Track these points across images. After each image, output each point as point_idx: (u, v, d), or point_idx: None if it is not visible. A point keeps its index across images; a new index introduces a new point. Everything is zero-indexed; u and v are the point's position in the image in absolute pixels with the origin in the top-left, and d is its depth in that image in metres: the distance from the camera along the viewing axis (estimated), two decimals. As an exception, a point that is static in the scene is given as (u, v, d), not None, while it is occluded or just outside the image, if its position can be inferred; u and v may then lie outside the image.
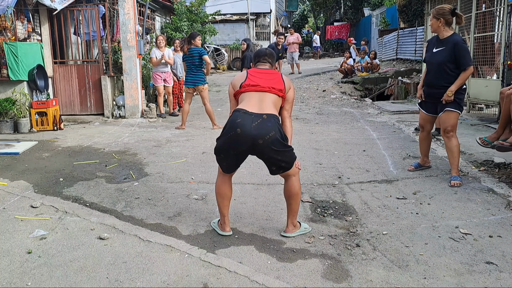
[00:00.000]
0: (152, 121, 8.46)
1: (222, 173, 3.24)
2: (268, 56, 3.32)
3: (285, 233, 3.21)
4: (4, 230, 3.37)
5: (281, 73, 3.28)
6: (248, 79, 3.15)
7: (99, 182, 4.56)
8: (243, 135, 2.92)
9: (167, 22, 13.82)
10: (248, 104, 3.04)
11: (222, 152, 3.08)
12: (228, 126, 3.01)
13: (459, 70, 4.15)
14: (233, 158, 3.10)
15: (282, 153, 3.00)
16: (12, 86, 7.51)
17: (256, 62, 3.33)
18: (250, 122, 2.93)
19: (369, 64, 13.34)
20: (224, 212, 3.25)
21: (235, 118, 2.98)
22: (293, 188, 3.15)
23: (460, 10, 8.48)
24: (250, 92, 3.10)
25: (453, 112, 4.24)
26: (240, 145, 2.98)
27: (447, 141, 4.33)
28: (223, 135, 3.04)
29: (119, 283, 2.61)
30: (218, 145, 3.09)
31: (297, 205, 3.20)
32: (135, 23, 8.42)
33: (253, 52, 7.66)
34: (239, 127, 2.93)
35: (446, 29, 4.22)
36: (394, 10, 17.13)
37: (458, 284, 2.55)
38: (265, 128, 2.92)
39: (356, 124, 7.79)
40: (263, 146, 2.94)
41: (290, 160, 3.08)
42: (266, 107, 3.02)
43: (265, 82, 3.12)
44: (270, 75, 3.19)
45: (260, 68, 3.28)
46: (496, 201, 3.77)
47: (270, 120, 2.96)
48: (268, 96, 3.08)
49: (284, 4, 31.18)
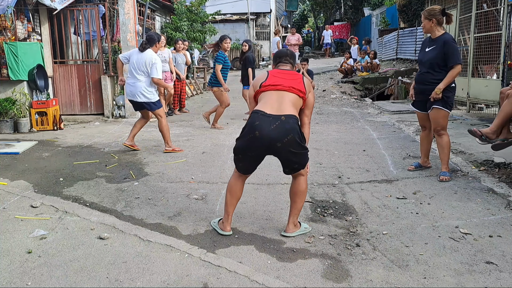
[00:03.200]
0: (152, 121, 8.44)
1: (237, 173, 3.24)
2: (289, 57, 3.32)
3: (285, 232, 3.21)
4: (4, 230, 3.37)
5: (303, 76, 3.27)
6: (269, 79, 3.14)
7: (99, 182, 4.56)
8: (261, 138, 2.93)
9: (167, 22, 13.81)
10: (267, 104, 3.03)
11: (240, 153, 3.09)
12: (247, 128, 3.02)
13: (448, 68, 4.24)
14: (251, 160, 3.10)
15: (299, 155, 3.02)
16: (12, 86, 7.51)
17: (278, 63, 3.33)
18: (268, 125, 2.92)
19: (369, 64, 13.34)
20: (229, 211, 3.25)
21: (254, 121, 2.98)
22: (300, 186, 3.16)
23: (460, 10, 8.49)
24: (270, 91, 3.09)
25: (442, 111, 4.33)
26: (258, 148, 2.99)
27: (438, 138, 4.47)
28: (242, 136, 3.05)
29: (119, 283, 2.61)
30: (237, 145, 3.10)
31: (301, 204, 3.21)
32: (135, 23, 8.42)
33: (254, 52, 7.70)
34: (257, 129, 2.93)
35: (438, 29, 4.33)
36: (394, 10, 17.13)
37: (458, 284, 2.55)
38: (283, 131, 2.91)
39: (356, 124, 7.79)
40: (281, 148, 2.95)
41: (304, 162, 3.10)
42: (285, 107, 3.00)
43: (285, 81, 3.10)
44: (291, 75, 3.17)
45: (281, 68, 3.27)
46: (496, 201, 3.77)
47: (289, 121, 2.95)
48: (287, 95, 3.06)
49: (284, 4, 31.16)
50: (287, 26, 29.53)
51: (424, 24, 4.38)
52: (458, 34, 8.65)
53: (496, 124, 4.24)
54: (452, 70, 4.22)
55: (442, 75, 4.26)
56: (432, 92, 4.28)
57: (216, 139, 6.59)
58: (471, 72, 8.05)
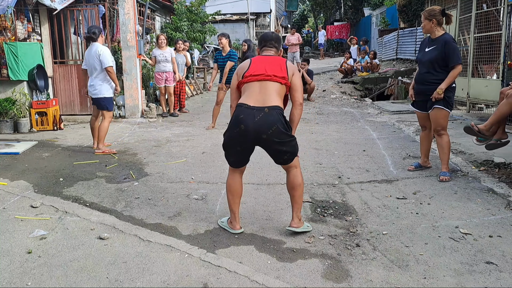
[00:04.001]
0: (152, 121, 8.46)
1: (232, 170, 3.24)
2: (274, 41, 3.27)
3: (290, 227, 3.20)
4: (4, 230, 3.37)
5: (286, 59, 3.21)
6: (251, 67, 3.12)
7: (99, 182, 4.56)
8: (246, 131, 2.94)
9: (167, 22, 13.81)
10: (250, 96, 3.03)
11: (229, 147, 3.11)
12: (232, 122, 3.04)
13: (448, 68, 4.26)
14: (240, 153, 3.12)
15: (287, 143, 3.01)
16: (12, 86, 7.51)
17: (263, 47, 3.28)
18: (252, 117, 2.94)
19: (369, 64, 13.34)
20: (234, 210, 3.26)
21: (238, 114, 2.99)
22: (296, 179, 3.15)
23: (460, 10, 8.49)
24: (252, 83, 3.07)
25: (442, 111, 4.33)
26: (245, 141, 3.01)
27: (438, 138, 4.47)
28: (228, 130, 3.08)
29: (119, 283, 2.61)
30: (225, 140, 3.12)
31: (300, 198, 3.20)
32: (135, 23, 8.42)
33: (254, 52, 7.69)
34: (242, 123, 2.95)
35: (438, 29, 4.35)
36: (394, 10, 17.13)
37: (458, 284, 2.54)
38: (267, 123, 2.92)
39: (356, 124, 7.79)
40: (267, 140, 2.96)
41: (293, 151, 3.08)
42: (268, 98, 3.00)
43: (268, 69, 3.07)
44: (273, 62, 3.13)
45: (265, 54, 3.24)
46: (496, 201, 3.77)
47: (272, 113, 2.95)
48: (270, 85, 3.04)
49: (284, 4, 31.18)
50: (287, 26, 29.52)
51: (424, 24, 4.40)
52: (458, 34, 8.65)
53: (491, 121, 4.27)
54: (453, 70, 4.23)
55: (443, 75, 4.27)
56: (433, 92, 4.29)
57: (216, 139, 6.58)
58: (471, 72, 8.05)
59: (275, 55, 3.24)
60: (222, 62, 7.42)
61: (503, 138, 4.30)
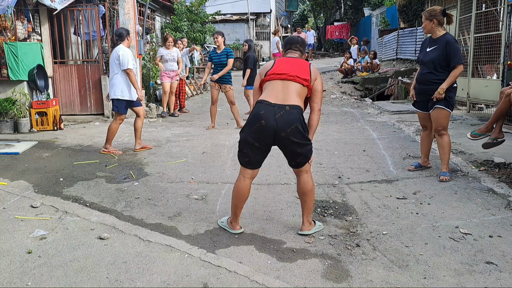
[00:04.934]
0: (152, 121, 8.46)
1: (243, 174, 3.16)
2: (299, 44, 3.28)
3: (301, 231, 3.20)
4: (4, 230, 3.37)
5: (310, 63, 3.22)
6: (275, 67, 3.12)
7: (99, 182, 4.56)
8: (267, 127, 2.91)
9: (167, 22, 13.81)
10: (271, 94, 3.01)
11: (247, 144, 3.03)
12: (252, 118, 2.99)
13: (450, 68, 4.26)
14: (258, 151, 3.05)
15: (303, 146, 2.99)
16: (12, 86, 7.51)
17: (287, 49, 3.29)
18: (273, 114, 2.91)
19: (369, 64, 13.34)
20: (237, 213, 3.25)
21: (259, 110, 2.96)
22: (307, 185, 3.14)
23: (460, 10, 8.49)
24: (275, 81, 3.06)
25: (443, 111, 4.34)
26: (264, 137, 2.97)
27: (438, 138, 4.48)
28: (246, 126, 3.03)
29: (119, 283, 2.61)
30: (243, 137, 3.05)
31: (311, 202, 3.20)
32: (135, 23, 8.42)
33: (255, 52, 7.70)
34: (263, 118, 2.92)
35: (439, 29, 4.36)
36: (394, 10, 17.12)
37: (458, 284, 2.55)
38: (288, 120, 2.91)
39: (356, 124, 7.79)
40: (285, 138, 2.93)
41: (307, 155, 3.07)
42: (290, 97, 2.98)
43: (291, 70, 3.06)
44: (297, 63, 3.13)
45: (289, 56, 3.24)
46: (496, 201, 3.77)
47: (293, 111, 2.93)
48: (292, 85, 3.02)
49: (284, 4, 31.15)
50: (287, 26, 29.53)
51: (425, 24, 4.40)
52: (458, 34, 8.65)
53: (491, 121, 4.37)
54: (454, 70, 4.23)
55: (444, 75, 4.28)
56: (435, 92, 4.29)
57: (216, 139, 6.59)
58: (471, 72, 8.05)
59: (299, 58, 3.25)
60: (217, 59, 7.46)
61: (499, 137, 4.34)
